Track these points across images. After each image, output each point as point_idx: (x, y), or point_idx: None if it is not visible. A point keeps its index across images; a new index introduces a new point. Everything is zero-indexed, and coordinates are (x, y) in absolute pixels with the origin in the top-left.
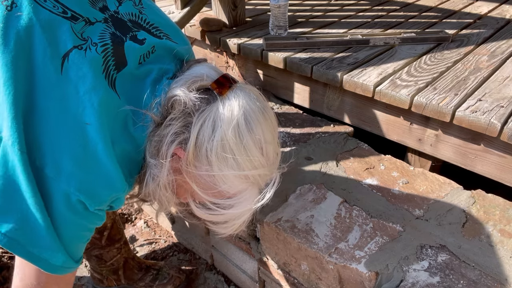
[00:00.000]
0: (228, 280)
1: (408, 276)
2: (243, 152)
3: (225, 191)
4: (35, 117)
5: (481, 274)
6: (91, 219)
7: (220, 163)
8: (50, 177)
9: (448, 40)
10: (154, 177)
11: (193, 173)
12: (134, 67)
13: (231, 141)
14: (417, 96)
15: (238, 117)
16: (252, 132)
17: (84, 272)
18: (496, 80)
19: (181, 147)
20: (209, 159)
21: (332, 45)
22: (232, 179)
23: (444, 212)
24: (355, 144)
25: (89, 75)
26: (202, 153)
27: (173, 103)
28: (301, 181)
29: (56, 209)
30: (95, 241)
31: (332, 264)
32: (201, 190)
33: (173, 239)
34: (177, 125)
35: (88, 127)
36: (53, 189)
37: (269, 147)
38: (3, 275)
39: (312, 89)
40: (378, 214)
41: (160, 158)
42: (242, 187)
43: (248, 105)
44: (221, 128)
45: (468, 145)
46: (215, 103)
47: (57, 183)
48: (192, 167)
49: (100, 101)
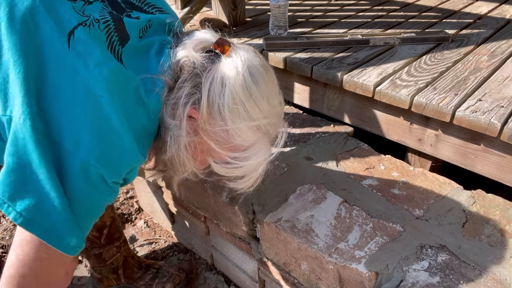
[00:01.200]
0: (228, 280)
1: (408, 276)
2: (252, 103)
3: (240, 144)
4: (47, 93)
5: (481, 274)
6: (107, 194)
7: (233, 116)
8: (69, 151)
9: (448, 40)
10: (176, 138)
11: (209, 131)
12: (136, 41)
13: (240, 94)
14: (417, 96)
15: (243, 71)
16: (257, 84)
17: (84, 272)
18: (496, 80)
19: (195, 108)
20: (222, 114)
21: (332, 45)
22: (245, 130)
23: (444, 212)
24: (355, 144)
25: (97, 50)
26: (215, 109)
27: (182, 65)
28: (301, 181)
29: (74, 184)
30: (94, 239)
31: (332, 264)
32: (218, 147)
33: (173, 239)
34: (188, 86)
35: (100, 99)
36: (71, 163)
37: (274, 97)
38: None
39: (312, 89)
40: (378, 214)
41: (179, 120)
42: (255, 138)
43: (250, 61)
44: (229, 84)
45: (468, 145)
46: (220, 62)
47: (76, 156)
48: (207, 125)
49: (109, 73)
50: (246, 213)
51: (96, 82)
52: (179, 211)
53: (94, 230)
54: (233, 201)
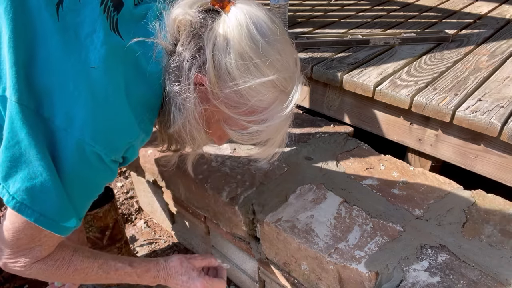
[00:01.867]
0: (228, 280)
1: (408, 276)
2: (261, 55)
3: (257, 106)
4: (37, 67)
5: (481, 274)
6: (104, 173)
7: (243, 74)
8: (61, 128)
9: (448, 40)
10: (181, 107)
11: (220, 96)
12: (131, 7)
13: (247, 49)
14: (417, 96)
15: (247, 24)
16: (264, 35)
17: None
18: (496, 80)
19: (201, 72)
20: (231, 74)
21: (332, 45)
22: (259, 89)
23: (444, 212)
24: (355, 144)
25: (88, 19)
26: (222, 70)
27: (178, 26)
28: (301, 181)
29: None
30: (96, 241)
31: (332, 264)
32: (233, 112)
33: (173, 239)
34: (190, 49)
35: (94, 71)
36: (65, 141)
37: (285, 47)
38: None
39: (312, 89)
40: (378, 214)
41: (185, 87)
42: (272, 96)
43: (253, 12)
44: (234, 39)
45: (468, 145)
46: (220, 18)
47: (69, 134)
48: (217, 89)
49: (103, 42)
50: (246, 213)
51: (89, 53)
52: (179, 211)
53: (96, 232)
54: (233, 201)
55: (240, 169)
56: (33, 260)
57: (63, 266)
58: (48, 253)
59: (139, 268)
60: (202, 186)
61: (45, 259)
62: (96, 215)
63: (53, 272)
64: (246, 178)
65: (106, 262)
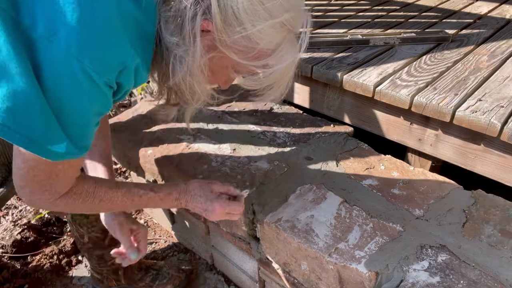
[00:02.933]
0: (228, 280)
1: (408, 276)
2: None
3: (266, 49)
4: None
5: (481, 274)
6: (97, 97)
7: (251, 17)
8: (45, 38)
9: (448, 40)
10: (181, 59)
11: (228, 42)
12: None
13: None
14: (417, 96)
15: None
16: None
17: (84, 272)
18: (496, 80)
19: (207, 19)
20: (238, 18)
21: (332, 45)
22: (268, 31)
23: (444, 212)
24: (355, 144)
25: None
26: (229, 15)
27: None
28: (301, 181)
29: (53, 79)
30: (98, 241)
31: (332, 264)
32: (241, 58)
33: (173, 239)
34: None
35: None
36: (49, 53)
37: None
38: (3, 275)
39: (312, 89)
40: (378, 214)
41: (187, 37)
42: (279, 37)
43: None
44: None
45: (468, 145)
46: None
47: (53, 44)
48: (225, 35)
49: None
50: (246, 213)
51: None
52: (179, 211)
53: (98, 232)
54: None
55: (240, 169)
56: (56, 195)
57: (88, 198)
58: (69, 187)
59: (161, 192)
60: None
61: (69, 194)
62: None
63: (81, 205)
64: (246, 178)
65: (129, 190)
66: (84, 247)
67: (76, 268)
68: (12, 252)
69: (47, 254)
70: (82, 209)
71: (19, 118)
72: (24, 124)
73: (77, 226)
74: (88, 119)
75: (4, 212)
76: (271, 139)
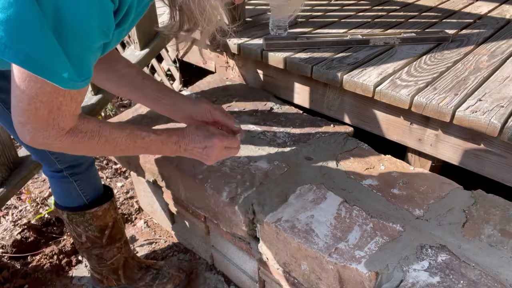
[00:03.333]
0: (228, 280)
1: (408, 276)
2: None
3: None
4: None
5: (481, 274)
6: (97, 9)
7: None
8: None
9: (448, 40)
10: None
11: None
12: None
13: None
14: (417, 96)
15: None
16: None
17: (84, 272)
18: (496, 80)
19: None
20: None
21: (332, 45)
22: None
23: (444, 212)
24: (355, 144)
25: None
26: None
27: None
28: (301, 181)
29: None
30: (96, 240)
31: (332, 264)
32: None
33: (173, 239)
34: None
35: None
36: None
37: None
38: (3, 275)
39: (312, 89)
40: (378, 214)
41: None
42: None
43: None
44: None
45: (468, 145)
46: None
47: None
48: None
49: None
50: (246, 213)
51: None
52: (179, 211)
53: (95, 231)
54: (233, 201)
55: (240, 169)
56: (61, 131)
57: (94, 137)
58: (72, 123)
59: (162, 135)
60: (202, 186)
61: (75, 131)
62: (95, 213)
63: (86, 144)
64: (246, 178)
65: (133, 132)
66: (82, 247)
67: (76, 268)
68: (12, 252)
69: (47, 254)
70: (87, 148)
71: (15, 33)
72: (21, 39)
73: (74, 225)
74: (89, 38)
75: (4, 212)
76: (271, 139)
